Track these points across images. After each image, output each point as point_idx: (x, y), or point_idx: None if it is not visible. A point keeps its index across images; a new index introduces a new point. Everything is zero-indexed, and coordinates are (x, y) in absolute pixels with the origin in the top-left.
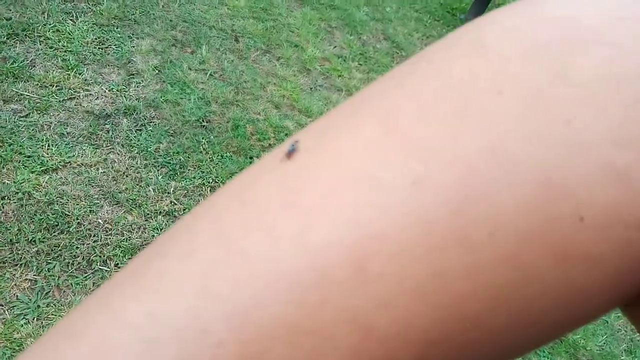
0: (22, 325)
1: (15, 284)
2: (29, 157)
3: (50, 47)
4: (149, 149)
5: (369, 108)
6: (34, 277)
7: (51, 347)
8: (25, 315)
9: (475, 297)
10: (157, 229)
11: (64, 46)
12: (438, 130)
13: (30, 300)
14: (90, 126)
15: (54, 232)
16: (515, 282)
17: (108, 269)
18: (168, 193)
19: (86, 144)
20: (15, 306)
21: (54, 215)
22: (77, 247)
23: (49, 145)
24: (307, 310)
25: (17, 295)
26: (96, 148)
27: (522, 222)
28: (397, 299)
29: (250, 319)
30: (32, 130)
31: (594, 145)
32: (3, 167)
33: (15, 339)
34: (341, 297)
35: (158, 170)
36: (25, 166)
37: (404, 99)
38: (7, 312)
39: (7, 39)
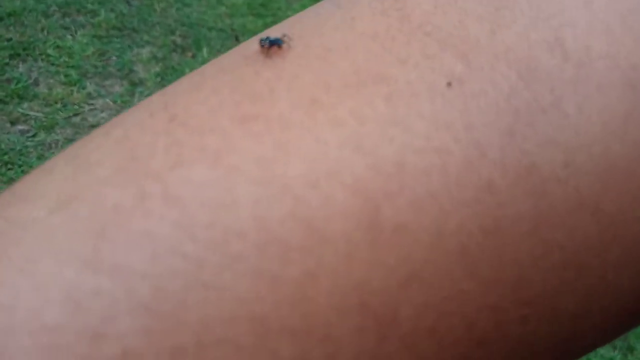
0: None
1: None
2: None
3: (52, 64)
4: None
5: None
6: None
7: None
8: None
9: (541, 265)
10: None
11: (65, 62)
12: (472, 17)
13: None
14: None
15: None
16: (595, 231)
17: None
18: None
19: None
20: None
21: None
22: None
23: None
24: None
25: None
26: None
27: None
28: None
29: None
30: (40, 149)
31: None
32: None
33: None
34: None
35: None
36: None
37: None
38: None
39: (10, 59)
